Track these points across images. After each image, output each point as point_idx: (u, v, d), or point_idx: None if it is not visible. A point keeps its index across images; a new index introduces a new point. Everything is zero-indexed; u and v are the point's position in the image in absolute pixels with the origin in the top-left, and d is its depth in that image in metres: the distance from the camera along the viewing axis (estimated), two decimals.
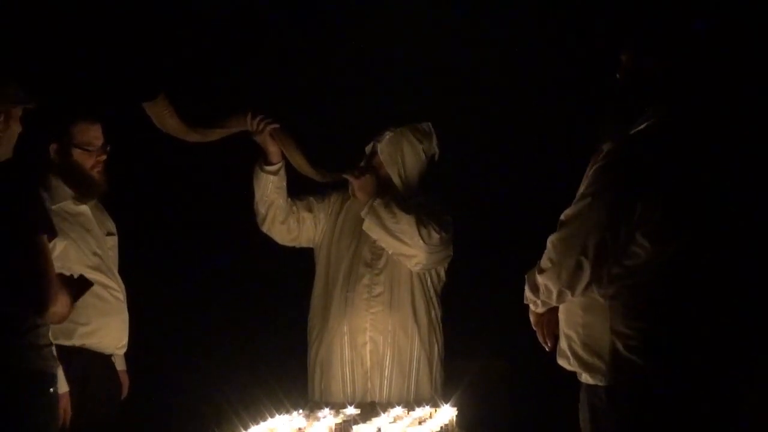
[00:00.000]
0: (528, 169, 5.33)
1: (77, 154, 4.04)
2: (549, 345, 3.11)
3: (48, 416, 3.32)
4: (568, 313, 3.01)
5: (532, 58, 5.23)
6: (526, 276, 3.07)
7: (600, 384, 2.91)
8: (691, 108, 2.97)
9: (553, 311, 3.07)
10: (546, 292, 2.99)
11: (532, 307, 3.10)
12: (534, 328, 3.14)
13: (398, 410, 3.62)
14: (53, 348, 3.43)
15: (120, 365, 4.24)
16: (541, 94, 5.21)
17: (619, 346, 2.88)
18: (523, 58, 5.25)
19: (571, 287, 2.92)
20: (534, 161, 5.29)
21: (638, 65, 2.98)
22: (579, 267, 2.88)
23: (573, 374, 3.04)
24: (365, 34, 5.35)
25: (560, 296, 2.97)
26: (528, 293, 3.07)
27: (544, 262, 2.97)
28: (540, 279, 2.99)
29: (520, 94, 5.25)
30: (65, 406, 3.82)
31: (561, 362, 3.04)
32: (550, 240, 2.96)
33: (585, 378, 2.97)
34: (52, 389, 3.34)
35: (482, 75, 5.30)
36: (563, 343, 3.02)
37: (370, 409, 3.96)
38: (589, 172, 2.93)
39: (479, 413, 4.32)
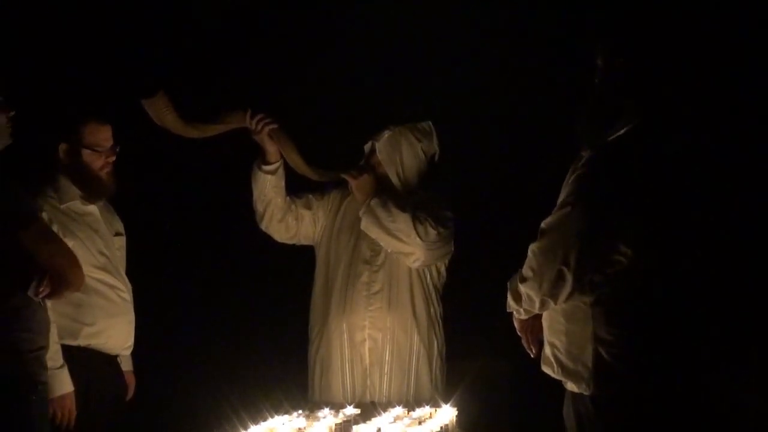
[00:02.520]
0: (532, 166, 5.32)
1: (86, 154, 4.06)
2: (534, 351, 3.11)
3: (24, 425, 3.29)
4: (551, 321, 3.01)
5: (533, 57, 5.23)
6: (508, 284, 3.07)
7: (585, 392, 2.91)
8: (668, 110, 2.95)
9: (538, 317, 3.07)
10: (528, 300, 2.98)
11: (515, 314, 3.10)
12: (519, 334, 3.14)
13: (398, 410, 3.62)
14: (42, 353, 3.40)
15: (126, 366, 4.25)
16: (543, 91, 5.20)
17: (603, 353, 2.87)
18: (524, 57, 5.24)
19: (554, 296, 2.91)
20: (538, 158, 5.28)
21: (612, 67, 2.97)
22: (560, 277, 2.87)
23: None
24: (365, 32, 5.35)
25: (543, 305, 2.96)
26: (510, 301, 3.07)
27: (526, 271, 2.96)
28: (522, 288, 2.98)
29: (521, 91, 5.24)
30: (70, 406, 3.83)
31: (546, 369, 3.04)
32: (531, 249, 2.95)
33: (570, 386, 2.97)
34: (34, 397, 3.32)
35: (483, 73, 5.29)
36: (547, 350, 3.02)
37: (370, 409, 3.96)
38: (569, 180, 2.92)
39: (480, 413, 4.32)
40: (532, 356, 3.12)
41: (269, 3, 5.51)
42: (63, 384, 3.80)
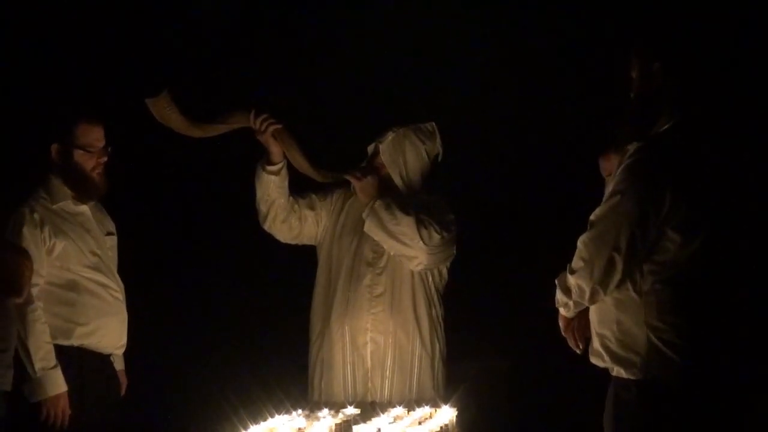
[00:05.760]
0: (531, 169, 5.33)
1: (78, 155, 4.06)
2: (581, 348, 3.15)
3: None
4: (601, 313, 3.06)
5: (537, 58, 5.23)
6: (556, 280, 3.13)
7: (632, 377, 2.97)
8: (704, 107, 3.05)
9: (582, 315, 3.13)
10: (579, 292, 3.04)
11: (563, 311, 3.16)
12: (563, 335, 3.18)
13: (398, 410, 3.60)
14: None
15: (119, 365, 4.25)
16: (546, 95, 5.21)
17: (655, 340, 2.94)
18: (527, 58, 5.25)
19: (604, 284, 2.98)
20: (537, 162, 5.28)
21: (649, 71, 3.07)
22: (611, 263, 2.95)
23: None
24: (370, 33, 5.35)
25: (593, 295, 3.02)
26: (560, 296, 3.13)
27: (576, 263, 3.03)
28: (572, 279, 3.05)
29: (523, 94, 5.25)
30: (63, 406, 3.85)
31: (594, 361, 3.11)
32: (581, 240, 3.03)
33: (617, 372, 3.03)
34: None
35: (486, 74, 5.30)
36: (596, 343, 3.08)
37: (370, 409, 3.95)
38: (617, 171, 3.00)
39: (479, 414, 4.31)
40: (578, 353, 3.18)
41: (274, 3, 5.52)
42: (56, 384, 3.82)
